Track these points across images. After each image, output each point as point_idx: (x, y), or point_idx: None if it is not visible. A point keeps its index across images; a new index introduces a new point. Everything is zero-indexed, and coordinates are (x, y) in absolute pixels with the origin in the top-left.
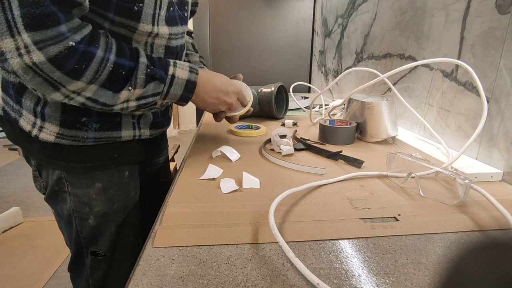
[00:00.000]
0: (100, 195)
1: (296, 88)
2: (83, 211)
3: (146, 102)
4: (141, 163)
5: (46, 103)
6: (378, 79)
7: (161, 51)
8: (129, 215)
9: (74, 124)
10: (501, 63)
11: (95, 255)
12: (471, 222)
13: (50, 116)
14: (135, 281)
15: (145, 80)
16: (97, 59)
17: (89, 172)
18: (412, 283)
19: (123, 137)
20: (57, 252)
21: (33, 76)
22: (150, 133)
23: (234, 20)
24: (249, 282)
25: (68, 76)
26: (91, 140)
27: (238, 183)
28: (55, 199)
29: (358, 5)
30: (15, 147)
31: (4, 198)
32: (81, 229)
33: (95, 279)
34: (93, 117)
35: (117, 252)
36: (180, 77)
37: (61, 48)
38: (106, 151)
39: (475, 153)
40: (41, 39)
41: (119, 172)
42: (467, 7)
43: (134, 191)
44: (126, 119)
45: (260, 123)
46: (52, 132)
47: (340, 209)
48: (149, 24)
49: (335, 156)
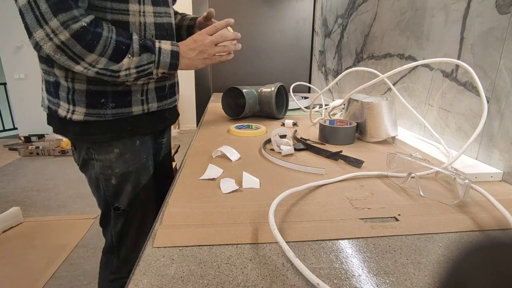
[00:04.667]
0: (118, 159)
1: (296, 88)
2: (107, 173)
3: (143, 69)
4: (151, 135)
5: (75, 91)
6: (378, 79)
7: (152, 28)
8: (141, 177)
9: (96, 104)
10: (501, 63)
11: (117, 209)
12: (471, 222)
13: (78, 101)
14: (135, 281)
15: (139, 49)
16: (103, 37)
17: (109, 141)
18: (412, 283)
19: (134, 112)
20: (57, 252)
21: (61, 55)
22: (157, 105)
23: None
24: (249, 282)
25: (85, 49)
26: (109, 116)
27: (238, 183)
28: (86, 166)
29: (358, 5)
30: (15, 147)
31: (4, 198)
32: (107, 188)
33: (116, 230)
34: (109, 98)
35: (132, 207)
36: (166, 49)
37: (78, 26)
38: (121, 124)
39: (475, 153)
40: (64, 20)
41: (131, 140)
42: (467, 7)
43: (145, 157)
44: (135, 98)
45: (260, 123)
46: (81, 113)
47: (340, 209)
48: (136, 3)
49: (335, 156)
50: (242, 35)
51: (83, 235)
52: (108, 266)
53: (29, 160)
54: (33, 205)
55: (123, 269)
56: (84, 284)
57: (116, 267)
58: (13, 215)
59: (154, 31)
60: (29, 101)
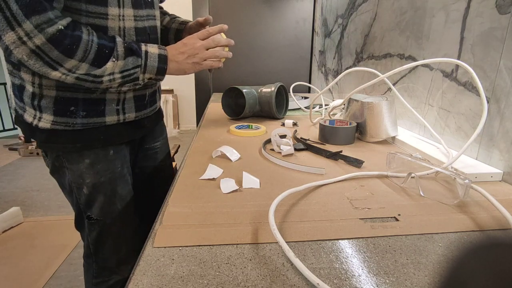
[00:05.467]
0: (89, 169)
1: (296, 88)
2: (78, 182)
3: (129, 74)
4: (129, 143)
5: (42, 97)
6: (378, 79)
7: (132, 33)
8: (116, 187)
9: (65, 112)
10: (501, 63)
11: (89, 218)
12: (471, 222)
13: (46, 107)
14: (135, 281)
15: (124, 52)
16: (83, 40)
17: (79, 151)
18: (412, 283)
19: (108, 122)
20: (57, 252)
21: (36, 60)
22: (135, 115)
23: (234, 20)
24: (249, 282)
25: (63, 54)
26: (79, 125)
27: (238, 183)
28: (57, 173)
29: (358, 5)
30: (15, 147)
31: (4, 198)
32: (79, 196)
33: (92, 238)
34: (80, 106)
35: (107, 217)
36: (153, 52)
37: (55, 29)
38: (92, 133)
39: (475, 153)
40: (39, 23)
41: (104, 150)
42: (467, 7)
43: (120, 167)
44: (109, 107)
45: (260, 123)
46: (48, 121)
47: (340, 209)
48: (116, 7)
49: (335, 156)
50: (242, 35)
51: None
52: (89, 270)
53: (29, 160)
54: (33, 205)
55: (104, 273)
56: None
57: (97, 272)
58: (13, 215)
59: (135, 37)
60: None
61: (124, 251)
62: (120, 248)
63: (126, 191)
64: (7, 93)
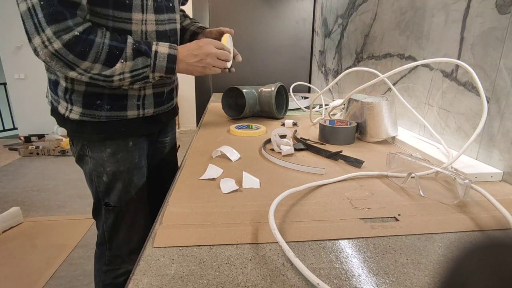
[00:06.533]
0: (110, 158)
1: (296, 88)
2: (99, 170)
3: (138, 73)
4: (147, 136)
5: (73, 91)
6: (378, 79)
7: (153, 36)
8: (133, 176)
9: (92, 105)
10: (501, 63)
11: (107, 205)
12: (471, 222)
13: (76, 100)
14: (135, 281)
15: (133, 54)
16: (96, 44)
17: (102, 141)
18: (412, 283)
19: (129, 116)
20: (57, 252)
21: (57, 61)
22: (154, 111)
23: (234, 20)
24: (249, 282)
25: (78, 57)
26: (104, 118)
27: (238, 183)
28: (81, 161)
29: (358, 5)
30: (15, 147)
31: (4, 198)
32: (98, 184)
33: (107, 225)
34: (105, 100)
35: (123, 205)
36: (162, 52)
37: (70, 36)
38: (115, 126)
39: (475, 153)
40: (57, 30)
41: (125, 141)
42: (467, 7)
43: (138, 158)
44: (131, 102)
45: (260, 123)
46: (77, 112)
47: (340, 209)
48: (139, 12)
49: (335, 156)
50: (242, 35)
51: (83, 235)
52: (102, 258)
53: (29, 160)
54: (33, 205)
55: (116, 261)
56: (84, 284)
57: (109, 259)
58: (13, 215)
59: (156, 39)
60: (29, 101)
61: (135, 240)
62: (133, 237)
63: (141, 182)
64: (7, 93)
